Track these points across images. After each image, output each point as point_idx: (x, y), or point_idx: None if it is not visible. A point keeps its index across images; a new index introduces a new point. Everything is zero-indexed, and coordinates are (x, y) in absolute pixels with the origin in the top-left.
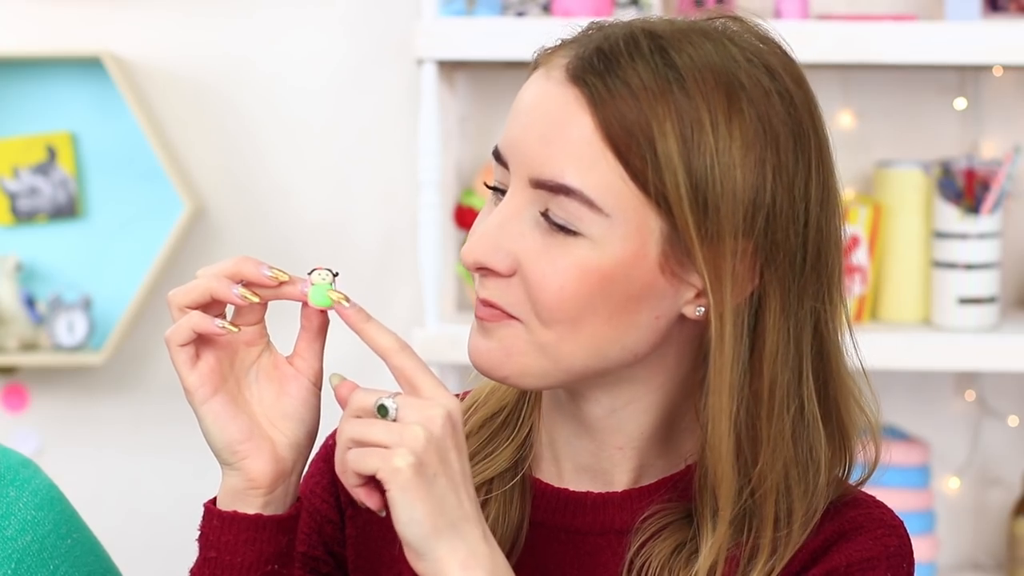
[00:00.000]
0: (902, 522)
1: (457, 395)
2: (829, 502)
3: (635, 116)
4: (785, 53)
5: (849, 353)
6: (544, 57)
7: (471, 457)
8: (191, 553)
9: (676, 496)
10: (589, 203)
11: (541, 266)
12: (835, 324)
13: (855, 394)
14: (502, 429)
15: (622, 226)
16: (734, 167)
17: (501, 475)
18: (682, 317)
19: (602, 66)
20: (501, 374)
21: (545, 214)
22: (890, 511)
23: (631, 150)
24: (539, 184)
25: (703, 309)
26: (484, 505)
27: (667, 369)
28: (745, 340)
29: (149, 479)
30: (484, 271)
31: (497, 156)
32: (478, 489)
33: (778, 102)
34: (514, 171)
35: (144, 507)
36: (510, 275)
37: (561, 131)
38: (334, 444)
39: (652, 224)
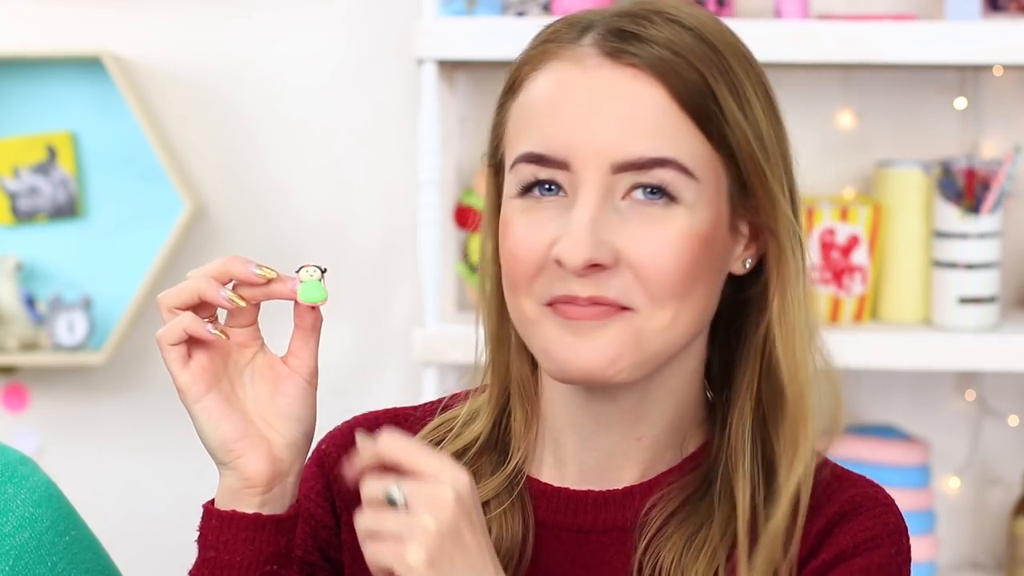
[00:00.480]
0: (893, 499)
1: (444, 399)
2: (818, 472)
3: (697, 79)
4: None
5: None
6: (547, 52)
7: None
8: (191, 553)
9: (675, 490)
10: (684, 170)
11: (647, 245)
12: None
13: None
14: (478, 458)
15: (707, 189)
16: (766, 116)
17: (497, 496)
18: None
19: (637, 40)
20: (613, 371)
21: (634, 190)
22: (881, 488)
23: (704, 112)
24: (627, 166)
25: (751, 260)
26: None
27: (699, 339)
28: (802, 274)
29: (149, 479)
30: (590, 268)
31: (542, 160)
32: None
33: (755, 61)
34: (583, 165)
35: (144, 507)
36: (613, 266)
37: (637, 108)
38: (327, 449)
39: (723, 183)
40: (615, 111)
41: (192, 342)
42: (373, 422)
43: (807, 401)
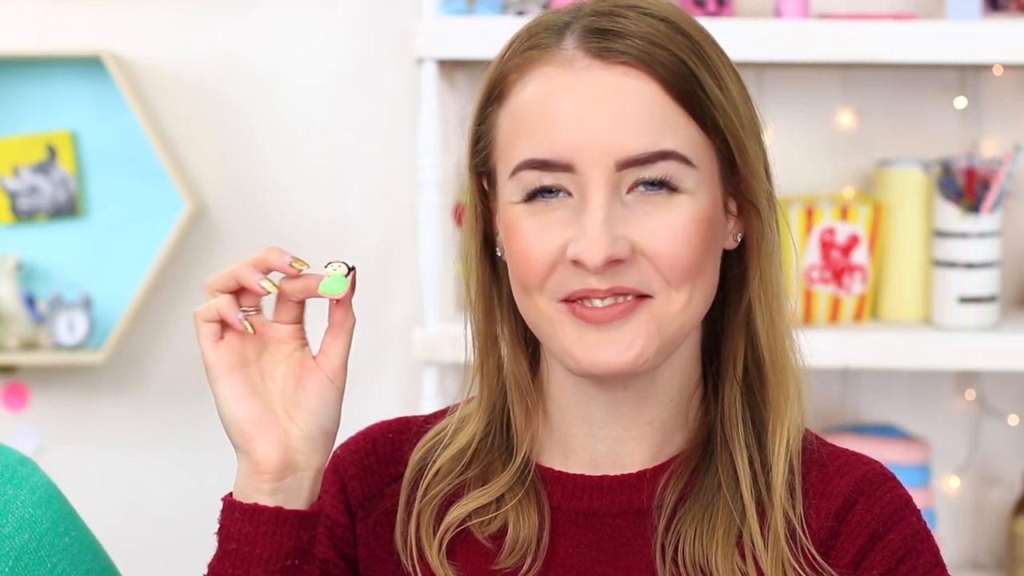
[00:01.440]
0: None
1: (450, 407)
2: (815, 450)
3: (682, 68)
4: None
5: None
6: (531, 58)
7: (465, 488)
8: (189, 551)
9: (687, 471)
10: (684, 160)
11: (660, 234)
12: None
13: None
14: (488, 454)
15: (704, 173)
16: (740, 92)
17: (511, 489)
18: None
19: (619, 37)
20: (643, 359)
21: (636, 187)
22: (879, 462)
23: (694, 100)
24: (630, 162)
25: (741, 235)
26: (497, 518)
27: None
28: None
29: (149, 478)
30: (609, 265)
31: (545, 165)
32: (486, 507)
33: (713, 36)
34: (588, 166)
35: (143, 506)
36: (630, 258)
37: (635, 105)
38: (342, 455)
39: (715, 165)
40: (613, 110)
41: (224, 325)
42: (387, 430)
43: (787, 367)
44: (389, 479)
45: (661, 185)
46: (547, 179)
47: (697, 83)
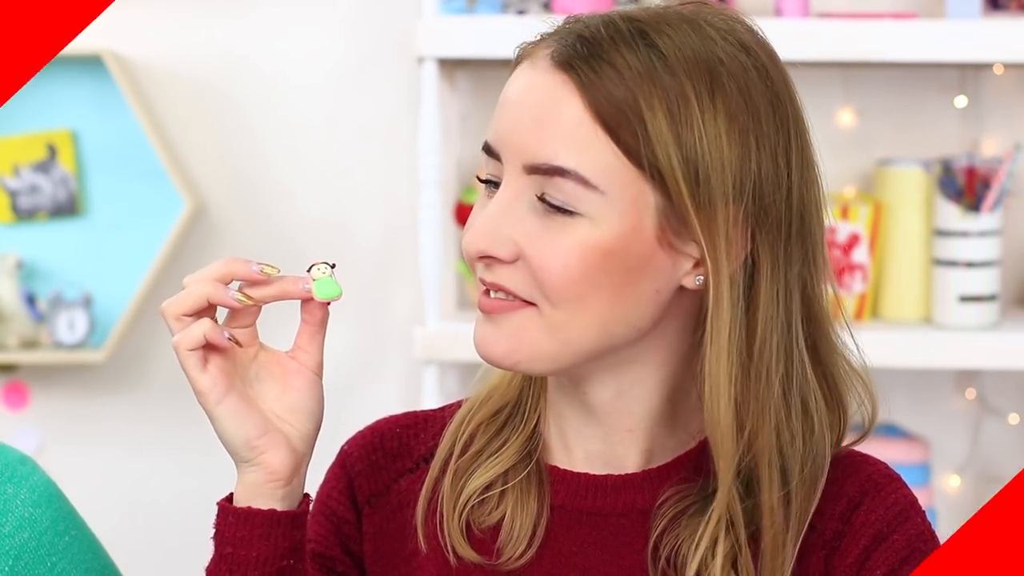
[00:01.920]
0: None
1: (454, 403)
2: (835, 460)
3: (623, 95)
4: (756, 32)
5: (842, 337)
6: (527, 51)
7: (478, 455)
8: (190, 550)
9: (692, 475)
10: (584, 182)
11: (542, 248)
12: (821, 289)
13: (845, 355)
14: (507, 425)
15: (618, 202)
16: (720, 137)
17: (514, 467)
18: (681, 290)
19: (586, 51)
20: (512, 360)
21: (541, 198)
22: (886, 464)
23: (622, 127)
24: (534, 169)
25: (702, 278)
26: (501, 497)
27: (669, 345)
28: (741, 303)
29: (149, 477)
30: (487, 259)
31: (488, 150)
32: (492, 483)
33: (756, 76)
34: (507, 160)
35: (144, 505)
36: (512, 261)
37: (552, 115)
38: (350, 450)
39: (648, 199)
40: (536, 114)
41: (207, 347)
42: (395, 425)
43: (721, 420)
44: (396, 474)
45: (559, 209)
46: (490, 166)
47: (636, 114)
